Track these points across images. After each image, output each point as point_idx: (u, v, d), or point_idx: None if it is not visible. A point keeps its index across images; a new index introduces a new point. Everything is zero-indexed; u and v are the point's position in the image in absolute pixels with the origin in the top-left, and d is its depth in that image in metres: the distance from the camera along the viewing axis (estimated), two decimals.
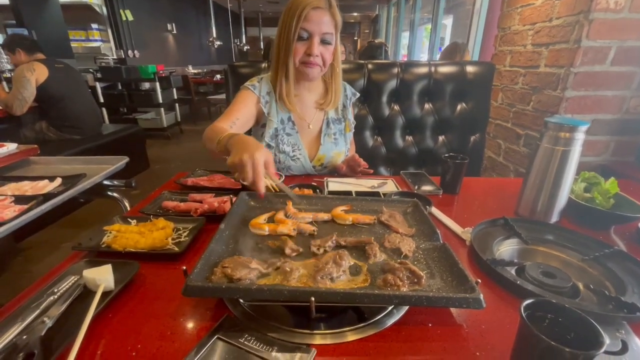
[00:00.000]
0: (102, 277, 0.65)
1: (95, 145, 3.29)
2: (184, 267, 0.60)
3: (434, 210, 1.03)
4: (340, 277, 0.63)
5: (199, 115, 7.71)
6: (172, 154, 5.09)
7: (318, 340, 0.57)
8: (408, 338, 0.58)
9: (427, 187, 1.21)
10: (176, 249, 0.79)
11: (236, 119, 1.21)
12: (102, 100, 5.29)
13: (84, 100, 3.36)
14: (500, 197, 1.19)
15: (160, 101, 5.49)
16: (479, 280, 0.61)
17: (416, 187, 1.21)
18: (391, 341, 0.57)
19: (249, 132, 1.38)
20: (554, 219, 0.99)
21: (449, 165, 1.17)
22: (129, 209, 1.12)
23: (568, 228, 0.91)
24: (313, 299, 0.54)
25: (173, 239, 0.84)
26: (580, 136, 0.90)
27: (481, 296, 0.56)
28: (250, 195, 0.93)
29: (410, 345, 0.57)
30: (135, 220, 0.90)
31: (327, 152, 1.38)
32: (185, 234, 0.87)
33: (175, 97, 6.09)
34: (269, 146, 1.32)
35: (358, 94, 1.51)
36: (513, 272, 0.78)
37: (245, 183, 0.76)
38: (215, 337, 0.56)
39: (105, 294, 0.64)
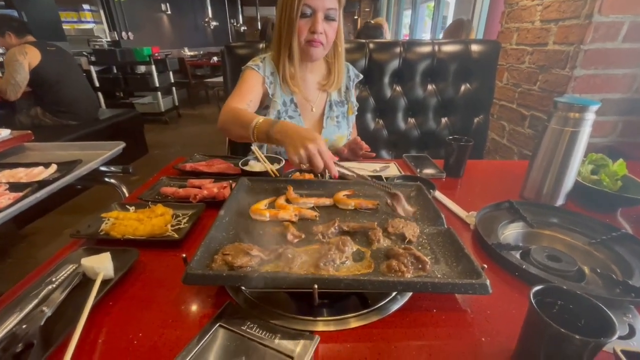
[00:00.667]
0: (101, 265, 0.64)
1: (92, 131, 3.25)
2: (184, 255, 0.59)
3: (438, 194, 1.01)
4: (344, 263, 0.62)
5: (196, 99, 7.59)
6: (170, 138, 5.05)
7: (321, 327, 0.56)
8: (412, 324, 0.57)
9: (430, 171, 1.18)
10: (176, 235, 0.78)
11: (250, 101, 1.17)
12: (97, 84, 5.20)
13: (79, 84, 3.29)
14: (504, 180, 1.17)
15: (157, 85, 5.38)
16: (485, 266, 0.59)
17: (419, 170, 1.19)
18: (395, 327, 0.57)
19: None
20: (560, 201, 0.97)
21: (453, 148, 1.14)
22: (127, 195, 1.10)
23: (574, 211, 0.89)
24: (316, 286, 0.53)
25: (172, 226, 0.82)
26: (590, 116, 0.87)
27: (487, 282, 0.55)
28: (251, 180, 0.91)
29: (415, 331, 0.56)
30: (133, 207, 0.89)
31: (330, 136, 1.35)
32: (184, 220, 0.85)
33: (172, 80, 5.97)
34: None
35: (361, 76, 1.46)
36: (518, 256, 0.77)
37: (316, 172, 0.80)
38: (217, 324, 0.55)
39: (104, 282, 0.63)
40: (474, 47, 1.69)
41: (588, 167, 1.04)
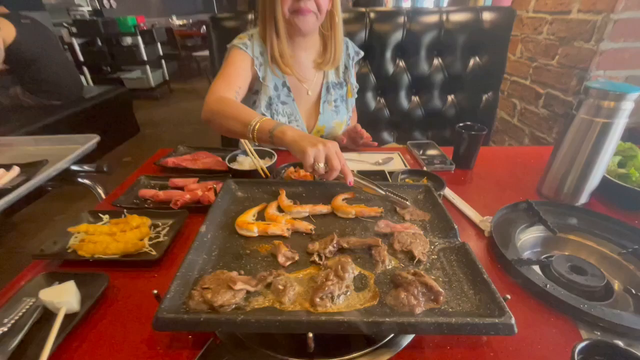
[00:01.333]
0: (63, 298, 0.55)
1: (78, 111, 3.08)
2: (155, 291, 0.50)
3: (447, 192, 0.91)
4: (345, 293, 0.53)
5: (188, 72, 7.25)
6: (162, 116, 4.84)
7: None
8: None
9: (438, 162, 1.07)
10: (153, 252, 0.69)
11: (239, 88, 1.03)
12: (81, 58, 4.90)
13: (60, 61, 3.06)
14: (520, 172, 1.07)
15: (145, 58, 5.09)
16: (509, 297, 0.51)
17: (426, 161, 1.08)
18: None
19: None
20: (583, 200, 0.88)
21: (463, 138, 1.03)
22: (104, 197, 1.00)
23: (602, 213, 0.79)
24: (310, 335, 0.45)
25: (151, 239, 0.73)
26: (628, 106, 0.75)
27: (513, 320, 0.47)
28: (238, 184, 0.81)
29: None
30: (107, 216, 0.79)
31: (327, 122, 1.23)
32: (164, 231, 0.76)
33: (161, 53, 5.64)
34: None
35: (362, 53, 1.30)
36: (538, 269, 0.69)
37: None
38: None
39: (68, 316, 0.55)
40: (486, 16, 1.52)
41: (615, 159, 0.93)
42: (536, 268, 0.68)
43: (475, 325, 0.47)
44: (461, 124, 1.05)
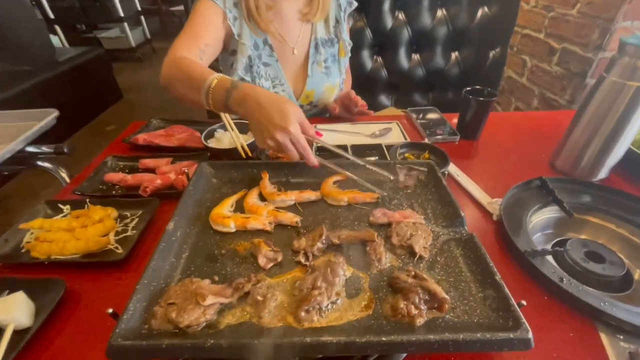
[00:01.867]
0: (11, 313, 0.48)
1: (52, 76, 2.84)
2: (110, 310, 0.43)
3: (452, 168, 0.82)
4: (335, 302, 0.46)
5: (171, 29, 6.71)
6: (146, 78, 4.54)
7: None
8: None
9: (441, 132, 0.97)
10: (119, 250, 0.61)
11: (205, 45, 0.88)
12: (52, 16, 4.48)
13: (27, 22, 2.76)
14: (530, 141, 0.97)
15: (122, 14, 4.65)
16: (524, 303, 0.44)
17: (428, 132, 0.97)
18: None
19: (215, 62, 1.06)
20: (602, 175, 0.79)
21: (471, 104, 0.91)
22: (68, 181, 0.90)
23: (626, 192, 0.71)
24: None
25: (117, 233, 0.65)
26: None
27: (530, 334, 0.40)
28: (214, 167, 0.70)
29: None
30: (68, 207, 0.70)
31: (317, 86, 1.09)
32: (133, 223, 0.67)
33: (139, 7, 5.17)
34: (242, 81, 1.02)
35: (355, 3, 1.13)
36: (552, 260, 0.62)
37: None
38: None
39: (20, 332, 0.48)
40: None
41: None
42: (552, 261, 0.62)
43: (485, 342, 0.40)
44: (469, 88, 0.93)
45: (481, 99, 0.89)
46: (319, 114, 1.18)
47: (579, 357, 0.46)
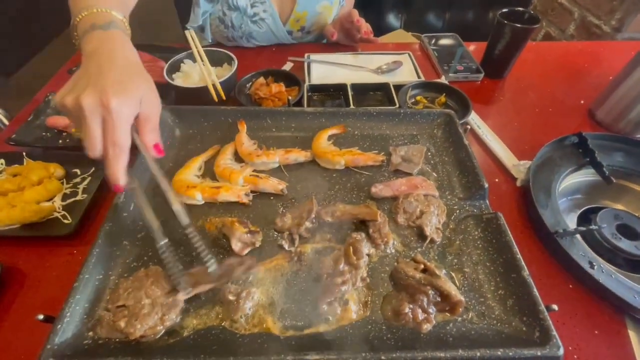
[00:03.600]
0: None
1: None
2: (40, 317, 0.34)
3: (473, 118, 0.68)
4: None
5: None
6: None
7: None
8: None
9: (461, 69, 0.79)
10: (67, 220, 0.50)
11: None
12: None
13: None
14: (565, 81, 0.80)
15: None
16: (556, 308, 0.36)
17: (445, 66, 0.80)
18: None
19: None
20: None
21: (505, 32, 0.72)
22: (6, 123, 0.74)
23: None
24: None
25: (65, 196, 0.54)
26: None
27: (561, 351, 0.33)
28: (177, 114, 0.56)
29: None
30: (2, 161, 0.57)
31: (310, 6, 0.86)
32: (84, 184, 0.55)
33: None
34: (209, 1, 0.79)
35: None
36: (580, 238, 0.53)
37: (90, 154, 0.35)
38: None
39: None
40: None
41: None
42: (581, 240, 0.53)
43: (507, 359, 0.33)
44: (505, 10, 0.72)
45: (519, 25, 0.70)
46: (314, 40, 0.96)
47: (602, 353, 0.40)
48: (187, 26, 0.81)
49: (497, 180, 0.59)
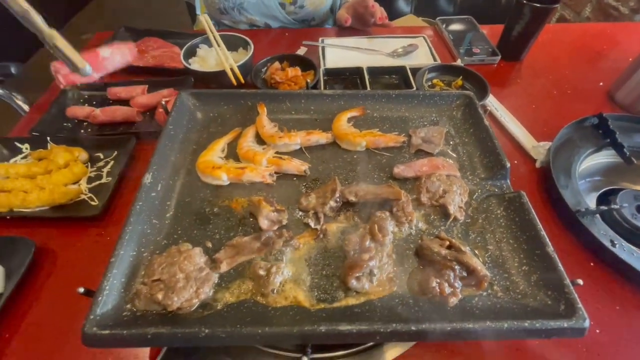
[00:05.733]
0: None
1: None
2: (81, 290, 0.35)
3: (490, 100, 0.67)
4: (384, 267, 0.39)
5: None
6: None
7: None
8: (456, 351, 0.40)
9: (478, 52, 0.78)
10: (94, 202, 0.51)
11: None
12: None
13: None
14: (583, 64, 0.79)
15: None
16: (581, 282, 0.37)
17: (462, 49, 0.79)
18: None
19: None
20: None
21: (524, 13, 0.71)
22: (26, 109, 0.75)
23: None
24: (306, 358, 0.32)
25: (90, 179, 0.55)
26: None
27: (586, 323, 0.33)
28: (198, 97, 0.56)
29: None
30: (26, 145, 0.58)
31: None
32: (108, 167, 0.56)
33: None
34: None
35: None
36: (600, 218, 0.53)
37: None
38: None
39: None
40: None
41: None
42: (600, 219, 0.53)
43: (533, 331, 0.34)
44: None
45: (539, 5, 0.69)
46: (310, 22, 0.93)
47: (626, 334, 0.41)
48: None
49: (515, 162, 0.59)
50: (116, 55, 0.47)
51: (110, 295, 0.35)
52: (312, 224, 0.42)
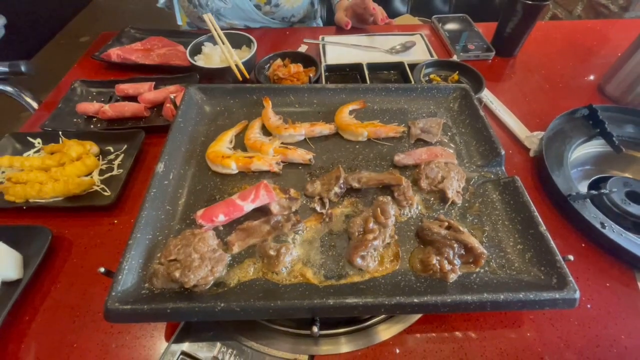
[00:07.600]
0: None
1: None
2: (102, 269, 0.37)
3: (485, 94, 0.70)
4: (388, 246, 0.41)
5: None
6: None
7: (326, 347, 0.41)
8: (450, 325, 0.42)
9: (473, 48, 0.81)
10: (107, 193, 0.53)
11: None
12: None
13: None
14: (574, 59, 0.82)
15: None
16: (572, 257, 0.39)
17: (457, 46, 0.82)
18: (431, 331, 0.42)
19: None
20: None
21: (516, 10, 0.74)
22: (35, 107, 0.76)
23: None
24: (317, 326, 0.34)
25: (102, 172, 0.57)
26: None
27: (577, 294, 0.36)
28: (205, 91, 0.58)
29: (453, 347, 0.41)
30: (39, 140, 0.60)
31: None
32: (118, 160, 0.58)
33: None
34: None
35: None
36: (587, 200, 0.56)
37: None
38: (179, 353, 0.39)
39: (11, 286, 0.44)
40: None
41: None
42: (587, 199, 0.56)
43: (527, 302, 0.36)
44: None
45: (530, 2, 0.72)
46: (290, 20, 0.94)
47: (615, 309, 0.43)
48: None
49: (510, 151, 0.62)
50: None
51: (129, 274, 0.37)
52: (318, 209, 0.45)
